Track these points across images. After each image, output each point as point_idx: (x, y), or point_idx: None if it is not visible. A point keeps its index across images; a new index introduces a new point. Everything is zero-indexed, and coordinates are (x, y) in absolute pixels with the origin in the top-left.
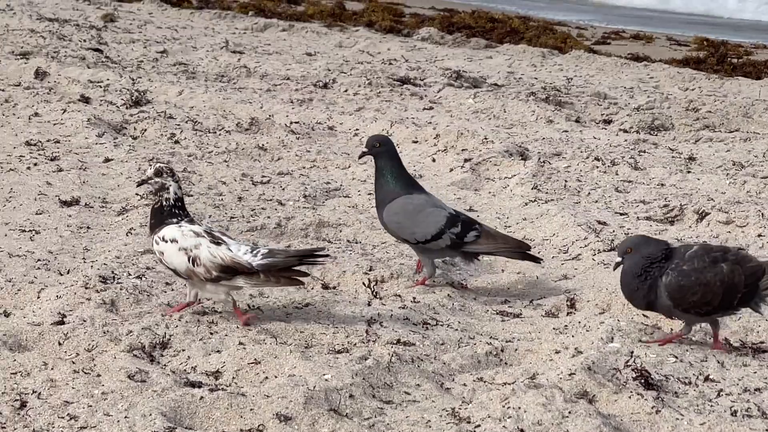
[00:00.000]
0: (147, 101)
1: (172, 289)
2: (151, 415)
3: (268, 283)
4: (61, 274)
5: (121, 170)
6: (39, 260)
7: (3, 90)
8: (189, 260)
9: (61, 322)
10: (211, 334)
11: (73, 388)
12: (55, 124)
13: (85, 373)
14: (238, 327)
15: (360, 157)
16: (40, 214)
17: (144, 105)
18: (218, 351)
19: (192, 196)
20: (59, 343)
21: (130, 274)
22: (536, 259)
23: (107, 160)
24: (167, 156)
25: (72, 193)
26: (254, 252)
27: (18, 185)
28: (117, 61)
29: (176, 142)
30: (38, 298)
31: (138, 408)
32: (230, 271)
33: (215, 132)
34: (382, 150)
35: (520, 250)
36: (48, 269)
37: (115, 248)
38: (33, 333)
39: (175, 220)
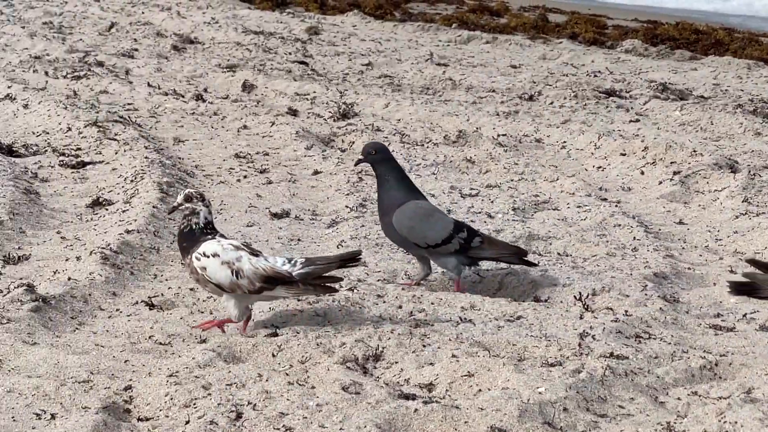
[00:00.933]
0: (354, 114)
1: (384, 301)
2: (365, 427)
3: (306, 292)
4: None
5: (329, 183)
6: None
7: (212, 103)
8: (233, 273)
9: (275, 334)
10: (424, 346)
11: (287, 399)
12: (263, 137)
13: (300, 384)
14: (450, 339)
15: (356, 164)
16: (251, 226)
17: (351, 117)
18: (431, 363)
19: None
20: (273, 355)
21: (343, 285)
22: (532, 264)
23: (316, 172)
24: None
25: (282, 205)
26: (292, 262)
27: (228, 197)
28: (323, 74)
29: None
30: (252, 310)
31: (353, 420)
32: (272, 281)
33: (423, 144)
34: (378, 157)
35: (519, 255)
36: None
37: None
38: (247, 345)
39: (209, 237)
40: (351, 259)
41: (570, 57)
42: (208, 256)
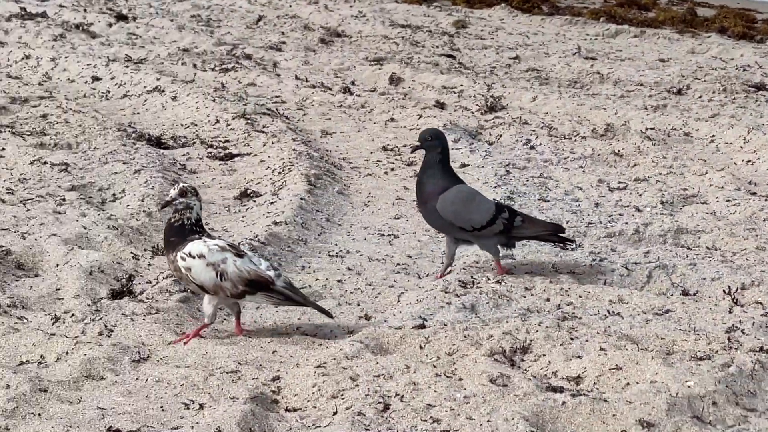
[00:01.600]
0: (501, 107)
1: (531, 294)
2: (513, 419)
3: (288, 301)
4: (420, 278)
5: (477, 175)
6: (398, 264)
7: (359, 95)
8: (217, 275)
9: (422, 326)
10: (572, 339)
11: (435, 391)
12: (410, 129)
13: (447, 376)
14: (598, 333)
15: (413, 150)
16: (399, 218)
17: (498, 110)
18: (579, 356)
19: (548, 201)
20: (421, 347)
21: (489, 279)
22: (570, 240)
23: (463, 165)
24: (523, 162)
25: None
26: (276, 273)
27: (376, 190)
28: (470, 67)
29: (532, 147)
30: (398, 301)
31: (500, 412)
32: (255, 285)
33: (570, 138)
34: (435, 144)
35: (557, 232)
36: (407, 273)
37: (473, 253)
38: (395, 336)
39: (197, 236)
40: (316, 307)
41: (719, 51)
42: (194, 257)
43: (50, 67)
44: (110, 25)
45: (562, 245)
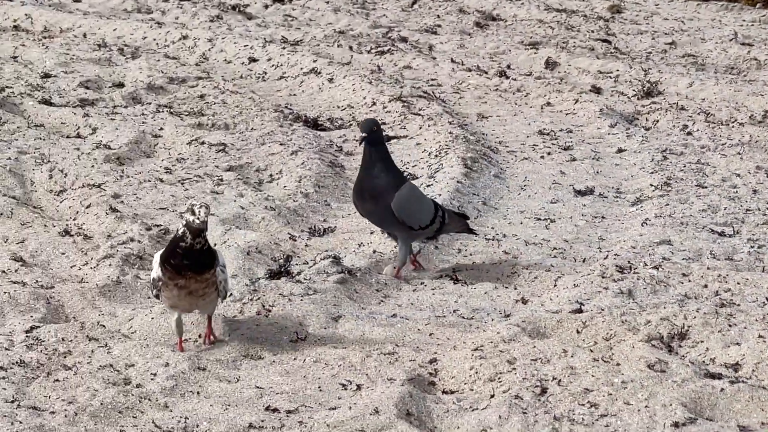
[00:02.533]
0: (658, 92)
1: (689, 280)
2: (671, 405)
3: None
4: (577, 262)
5: (634, 161)
6: (555, 248)
7: (515, 79)
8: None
9: (579, 311)
10: (730, 326)
11: (592, 376)
12: (567, 114)
13: (605, 361)
14: (757, 320)
15: (360, 142)
16: (555, 203)
17: (655, 96)
18: (737, 343)
19: (706, 187)
20: (578, 331)
21: (646, 264)
22: (474, 232)
23: (620, 150)
24: (680, 147)
25: (586, 182)
26: None
27: (532, 174)
28: (626, 52)
29: (689, 133)
30: (555, 286)
31: (658, 398)
32: None
33: (728, 124)
34: (380, 134)
35: (467, 225)
36: (564, 257)
37: (630, 238)
38: (552, 320)
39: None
40: None
41: None
42: (225, 266)
43: (207, 47)
44: (266, 6)
45: (472, 233)
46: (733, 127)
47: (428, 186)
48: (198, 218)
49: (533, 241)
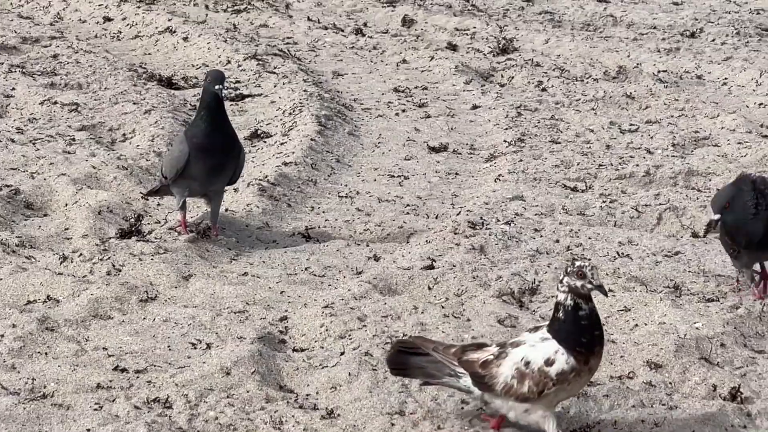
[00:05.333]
0: (514, 49)
1: (541, 236)
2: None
3: None
4: (430, 219)
5: (488, 117)
6: (408, 205)
7: (371, 37)
8: None
9: (431, 267)
10: None
11: (443, 332)
12: (422, 71)
13: (455, 317)
14: (607, 274)
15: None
16: (409, 159)
17: (511, 53)
18: None
19: (560, 143)
20: (429, 288)
21: (498, 220)
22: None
23: (475, 107)
24: (535, 103)
25: (440, 139)
26: None
27: (387, 131)
28: (483, 10)
29: (543, 89)
30: (407, 242)
31: None
32: None
33: (582, 80)
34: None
35: None
36: (417, 214)
37: (483, 194)
38: (403, 277)
39: None
40: None
41: None
42: None
43: (61, 7)
44: None
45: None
46: (587, 83)
47: (282, 144)
48: (592, 281)
49: (386, 198)
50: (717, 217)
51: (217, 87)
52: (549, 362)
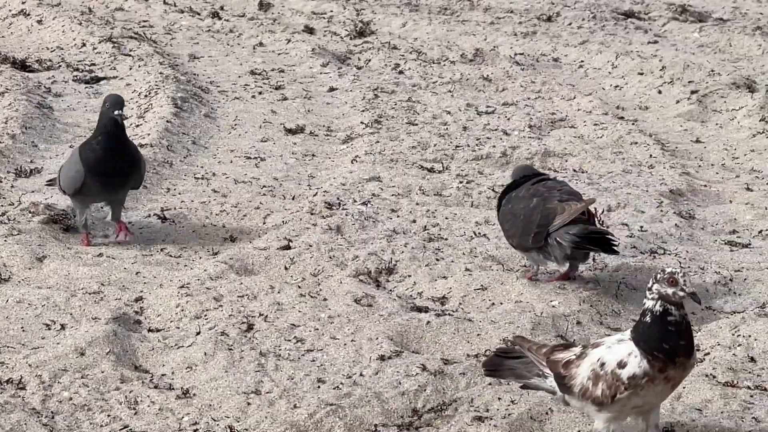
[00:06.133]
0: (371, 32)
1: (398, 216)
2: (377, 339)
3: None
4: (287, 200)
5: (345, 99)
6: (264, 186)
7: (228, 20)
8: None
9: (288, 247)
10: (437, 260)
11: (299, 311)
12: (279, 54)
13: (312, 297)
14: (464, 253)
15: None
16: (266, 141)
17: (368, 36)
18: (444, 277)
19: (416, 125)
20: (285, 268)
21: (355, 201)
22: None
23: (331, 89)
24: (392, 86)
25: (297, 121)
26: None
27: (243, 113)
28: None
29: (400, 72)
30: (264, 223)
31: (364, 332)
32: None
33: (439, 63)
34: None
35: None
36: (273, 195)
37: (340, 175)
38: (260, 257)
39: None
40: None
41: None
42: None
43: None
44: None
45: None
46: (444, 65)
47: (137, 126)
48: (685, 288)
49: (243, 179)
50: None
51: (116, 112)
52: (621, 364)
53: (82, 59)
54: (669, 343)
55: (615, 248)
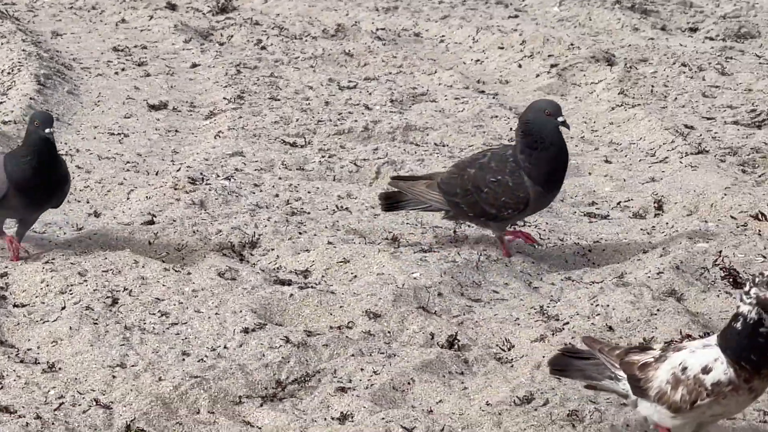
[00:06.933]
0: (233, 8)
1: (261, 191)
2: (241, 312)
3: None
4: (150, 175)
5: (208, 75)
6: (128, 162)
7: None
8: None
9: (151, 222)
10: (300, 234)
11: (163, 285)
12: (142, 31)
13: (176, 271)
14: (326, 227)
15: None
16: (129, 117)
17: (230, 12)
18: (307, 250)
19: (279, 100)
20: (150, 243)
21: (218, 176)
22: None
23: (194, 65)
24: (254, 61)
25: (160, 97)
26: None
27: (106, 90)
28: None
29: (263, 48)
30: (128, 199)
31: (228, 305)
32: None
33: (301, 38)
34: None
35: None
36: (137, 171)
37: (203, 150)
38: (124, 232)
39: None
40: None
41: None
42: None
43: None
44: None
45: None
46: (306, 41)
47: (1, 103)
48: None
49: (107, 155)
50: None
51: (48, 131)
52: (706, 370)
53: None
54: (757, 354)
55: None
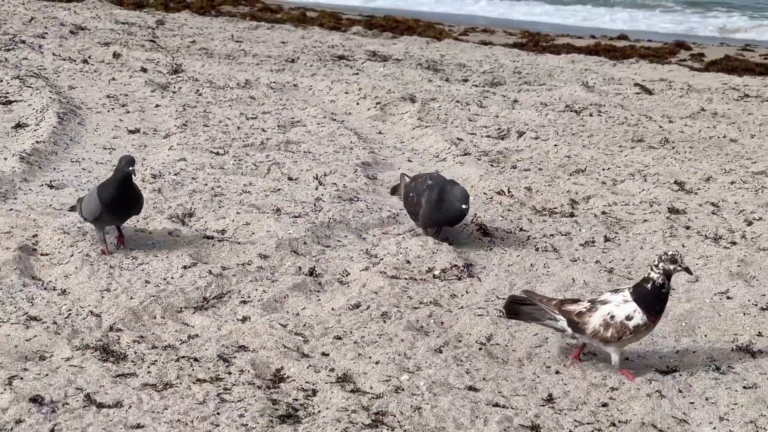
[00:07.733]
0: (182, 71)
1: (196, 182)
2: (182, 255)
3: None
4: None
5: (166, 112)
6: (114, 165)
7: (93, 65)
8: None
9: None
10: (220, 207)
11: (134, 240)
12: (125, 85)
13: (142, 231)
14: (236, 203)
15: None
16: (116, 138)
17: (180, 73)
18: (224, 218)
19: (209, 126)
20: None
21: (170, 173)
22: None
23: (157, 106)
24: (194, 103)
25: (136, 125)
26: None
27: (102, 121)
28: (164, 47)
29: (199, 94)
30: None
31: (174, 251)
32: None
33: (224, 88)
34: None
35: None
36: None
37: (161, 157)
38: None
39: None
40: None
41: (319, 37)
42: None
43: None
44: None
45: None
46: (227, 89)
47: (35, 130)
48: (680, 265)
49: (101, 161)
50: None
51: (130, 169)
52: (629, 318)
53: (1, 90)
54: (660, 305)
55: None
